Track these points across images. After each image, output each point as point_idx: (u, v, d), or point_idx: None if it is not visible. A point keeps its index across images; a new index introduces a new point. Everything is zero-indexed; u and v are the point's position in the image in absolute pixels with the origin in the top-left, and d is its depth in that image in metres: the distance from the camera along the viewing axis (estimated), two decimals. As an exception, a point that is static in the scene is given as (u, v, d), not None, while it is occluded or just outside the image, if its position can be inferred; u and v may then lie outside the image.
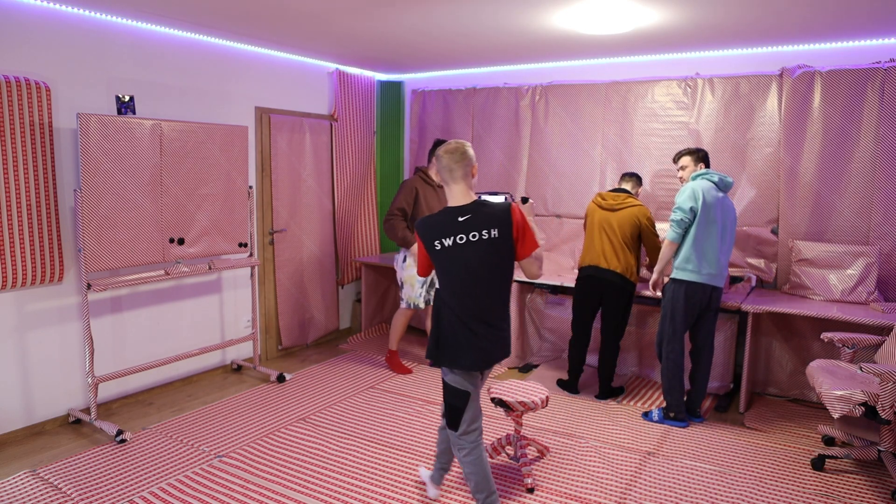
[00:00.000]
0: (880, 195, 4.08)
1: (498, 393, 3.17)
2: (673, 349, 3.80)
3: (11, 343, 3.58)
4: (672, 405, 3.85)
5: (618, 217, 4.10)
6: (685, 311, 3.74)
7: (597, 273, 4.12)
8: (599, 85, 5.00)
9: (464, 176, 2.56)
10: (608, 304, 4.16)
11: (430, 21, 3.79)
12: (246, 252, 4.54)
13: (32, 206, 3.50)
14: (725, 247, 3.74)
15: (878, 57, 4.08)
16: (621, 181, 4.36)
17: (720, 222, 3.67)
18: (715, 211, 3.65)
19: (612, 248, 4.09)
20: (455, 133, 5.74)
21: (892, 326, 3.52)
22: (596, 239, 4.14)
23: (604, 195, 4.21)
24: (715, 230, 3.66)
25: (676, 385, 3.82)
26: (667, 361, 3.83)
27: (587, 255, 4.20)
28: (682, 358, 3.80)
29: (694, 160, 3.89)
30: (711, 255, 3.67)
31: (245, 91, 4.78)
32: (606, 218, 4.13)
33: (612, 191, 4.24)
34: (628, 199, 4.12)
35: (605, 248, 4.10)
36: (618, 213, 4.11)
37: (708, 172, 3.75)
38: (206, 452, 3.45)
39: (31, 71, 3.50)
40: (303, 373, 4.80)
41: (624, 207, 4.10)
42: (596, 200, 4.24)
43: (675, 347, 3.79)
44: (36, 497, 2.97)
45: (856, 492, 3.10)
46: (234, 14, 3.71)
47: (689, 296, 3.71)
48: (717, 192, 3.69)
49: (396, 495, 3.02)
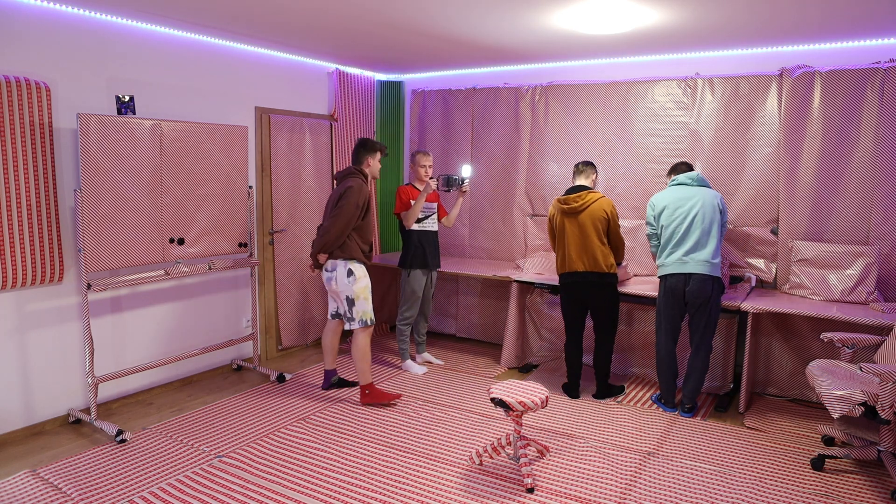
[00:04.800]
0: (880, 195, 4.09)
1: (498, 393, 3.17)
2: (659, 340, 4.10)
3: (11, 343, 3.58)
4: (662, 392, 4.15)
5: (584, 217, 4.08)
6: (665, 306, 4.00)
7: (575, 278, 4.15)
8: (599, 85, 5.00)
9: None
10: (594, 305, 4.20)
11: (431, 21, 3.79)
12: (246, 252, 4.54)
13: (32, 206, 3.50)
14: (698, 233, 3.87)
15: (877, 57, 4.08)
16: (576, 175, 4.26)
17: (682, 213, 3.91)
18: (672, 207, 3.95)
19: (584, 249, 4.09)
20: (455, 133, 5.74)
21: (892, 326, 3.52)
22: (568, 244, 4.13)
23: (565, 198, 4.13)
24: (675, 223, 3.92)
25: (661, 375, 4.12)
26: (656, 352, 4.14)
27: (562, 261, 4.21)
28: (664, 350, 4.06)
29: (668, 174, 4.23)
30: (674, 245, 3.92)
31: (245, 91, 4.78)
32: (572, 221, 4.12)
33: (569, 190, 4.18)
34: (588, 195, 4.10)
35: (578, 251, 4.10)
36: (583, 213, 4.09)
37: (673, 181, 4.08)
38: (206, 452, 3.45)
39: (31, 71, 3.50)
40: (303, 373, 4.80)
41: (588, 205, 4.08)
42: (556, 206, 4.19)
43: (660, 339, 4.09)
44: (36, 497, 2.97)
45: (856, 492, 3.10)
46: (233, 14, 3.71)
47: (665, 291, 3.99)
48: (680, 189, 3.99)
49: (396, 495, 3.03)
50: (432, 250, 4.71)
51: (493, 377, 4.76)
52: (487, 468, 3.31)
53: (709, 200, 3.91)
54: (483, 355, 5.31)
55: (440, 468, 3.30)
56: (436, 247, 4.75)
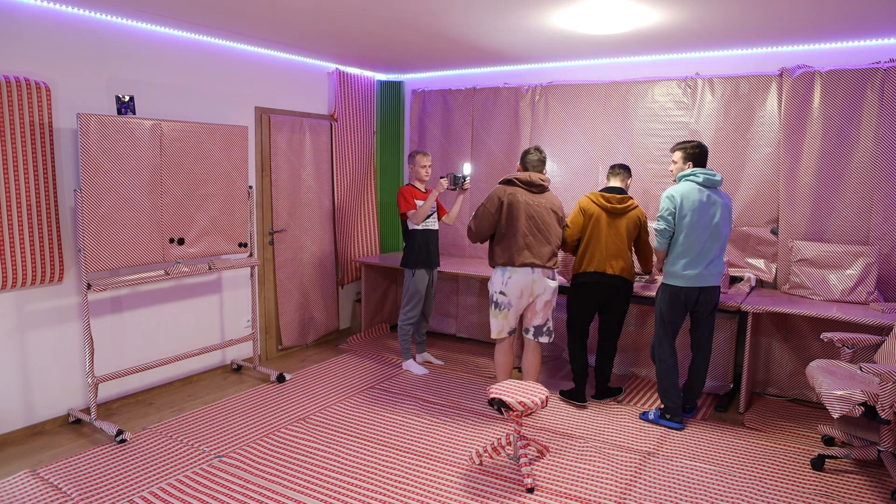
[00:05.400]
0: (880, 195, 4.09)
1: (498, 393, 3.17)
2: (664, 352, 3.83)
3: (11, 343, 3.58)
4: (668, 407, 3.85)
5: (623, 221, 4.01)
6: (672, 315, 3.78)
7: (603, 280, 3.99)
8: (599, 85, 5.00)
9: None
10: (611, 308, 4.11)
11: (431, 21, 3.79)
12: (246, 252, 4.54)
13: (32, 206, 3.50)
14: (718, 244, 3.69)
15: (877, 57, 4.08)
16: (612, 176, 4.16)
17: (706, 222, 3.64)
18: (698, 213, 3.62)
19: (618, 252, 3.99)
20: (455, 133, 5.74)
21: (892, 326, 3.52)
22: (603, 243, 3.98)
23: (606, 197, 4.02)
24: (698, 231, 3.63)
25: (670, 387, 3.82)
26: (659, 364, 3.85)
27: (588, 260, 4.02)
28: (672, 360, 3.82)
29: (684, 157, 3.80)
30: (695, 257, 3.65)
31: (245, 91, 4.78)
32: (614, 222, 4.00)
33: (606, 190, 4.09)
34: (629, 200, 4.05)
35: (613, 253, 3.99)
36: (624, 216, 4.02)
37: (693, 173, 3.69)
38: (206, 452, 3.45)
39: (31, 71, 3.50)
40: (302, 373, 4.81)
41: (629, 210, 4.03)
42: (597, 202, 4.02)
43: (665, 350, 3.82)
44: (36, 497, 2.97)
45: (856, 492, 3.10)
46: (234, 14, 3.71)
47: (672, 300, 3.75)
48: (703, 192, 3.65)
49: (396, 495, 3.03)
50: (434, 249, 4.72)
51: (493, 377, 4.75)
52: (487, 468, 3.31)
53: (726, 207, 3.72)
54: (483, 355, 5.31)
55: (440, 468, 3.30)
56: (437, 245, 4.76)
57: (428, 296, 4.85)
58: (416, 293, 4.74)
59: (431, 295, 4.89)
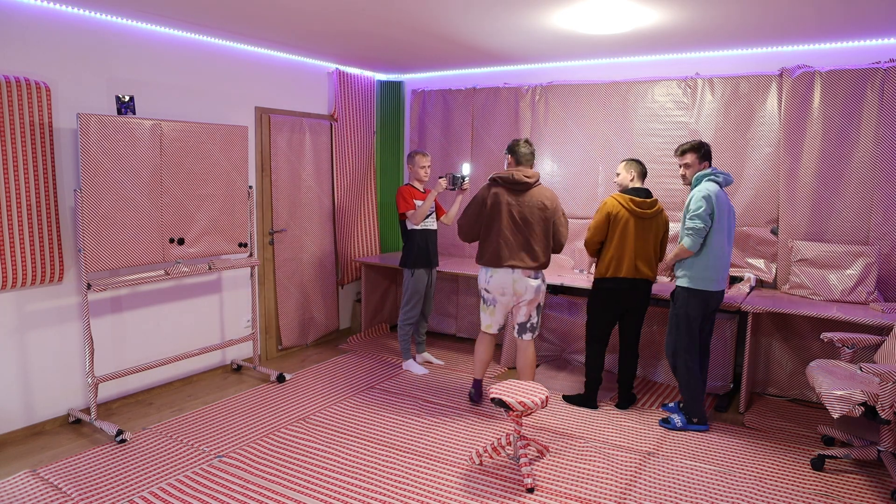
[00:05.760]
0: (880, 195, 4.09)
1: (498, 393, 3.17)
2: (691, 358, 3.71)
3: (11, 343, 3.58)
4: (696, 412, 3.77)
5: (651, 224, 3.91)
6: (699, 320, 3.69)
7: (632, 286, 3.90)
8: (599, 85, 5.01)
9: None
10: (635, 312, 4.02)
11: (430, 21, 3.79)
12: (246, 252, 4.54)
13: (32, 206, 3.50)
14: (730, 248, 3.71)
15: (877, 57, 4.08)
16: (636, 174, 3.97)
17: (730, 223, 3.67)
18: (725, 214, 3.59)
19: (647, 256, 3.90)
20: (455, 133, 5.74)
21: (892, 326, 3.52)
22: (631, 248, 3.85)
23: (637, 201, 3.85)
24: (724, 233, 3.62)
25: (698, 394, 3.74)
26: (687, 373, 3.72)
27: (616, 264, 3.87)
28: (697, 366, 3.74)
29: (699, 158, 3.70)
30: (723, 261, 3.65)
31: (245, 91, 4.78)
32: (645, 226, 3.87)
33: (633, 192, 3.92)
34: (657, 202, 3.93)
35: (643, 257, 3.89)
36: (653, 220, 3.91)
37: (714, 172, 3.64)
38: (206, 452, 3.45)
39: (31, 71, 3.50)
40: (302, 373, 4.81)
41: (657, 213, 3.93)
42: (627, 206, 3.84)
43: (692, 356, 3.71)
44: (36, 497, 2.97)
45: (856, 492, 3.10)
46: (233, 14, 3.71)
47: (702, 305, 3.66)
48: (723, 192, 3.64)
49: (396, 495, 3.02)
50: (434, 249, 4.73)
51: (493, 377, 4.75)
52: (487, 468, 3.31)
53: (731, 205, 3.69)
54: (483, 355, 5.31)
55: (440, 468, 3.30)
56: (436, 245, 4.77)
57: (427, 296, 4.86)
58: (415, 293, 4.74)
59: (431, 295, 4.89)
